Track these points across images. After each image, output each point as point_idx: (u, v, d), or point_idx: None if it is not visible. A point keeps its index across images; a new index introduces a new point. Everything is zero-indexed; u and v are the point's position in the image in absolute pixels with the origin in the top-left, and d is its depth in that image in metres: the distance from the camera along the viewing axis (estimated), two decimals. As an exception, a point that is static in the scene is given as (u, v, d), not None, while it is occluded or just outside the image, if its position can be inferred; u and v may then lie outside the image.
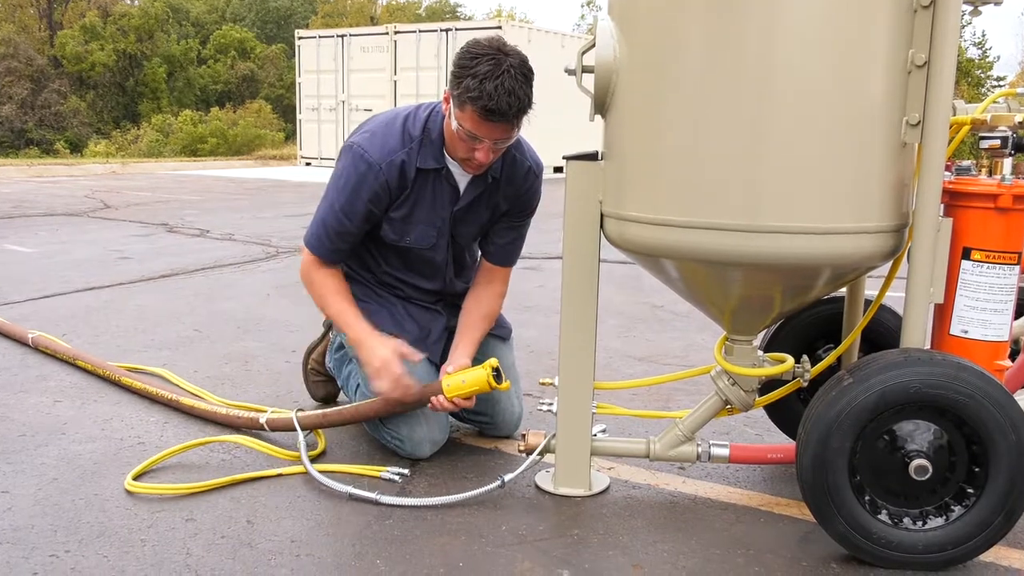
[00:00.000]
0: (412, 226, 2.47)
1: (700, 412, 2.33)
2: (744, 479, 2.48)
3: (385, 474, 2.43)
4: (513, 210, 2.55)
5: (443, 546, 2.06)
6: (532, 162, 2.51)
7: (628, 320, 4.44)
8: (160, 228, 7.70)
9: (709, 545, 2.09)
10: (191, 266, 5.77)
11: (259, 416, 2.68)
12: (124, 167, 16.11)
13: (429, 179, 2.41)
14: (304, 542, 2.07)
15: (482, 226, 2.54)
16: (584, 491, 2.35)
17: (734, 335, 2.23)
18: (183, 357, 3.60)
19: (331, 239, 2.45)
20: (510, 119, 2.23)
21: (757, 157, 1.86)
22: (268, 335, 4.01)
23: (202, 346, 3.79)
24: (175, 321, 4.23)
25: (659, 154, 1.97)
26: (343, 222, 2.42)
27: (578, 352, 2.28)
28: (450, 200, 2.45)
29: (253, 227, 7.80)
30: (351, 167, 2.39)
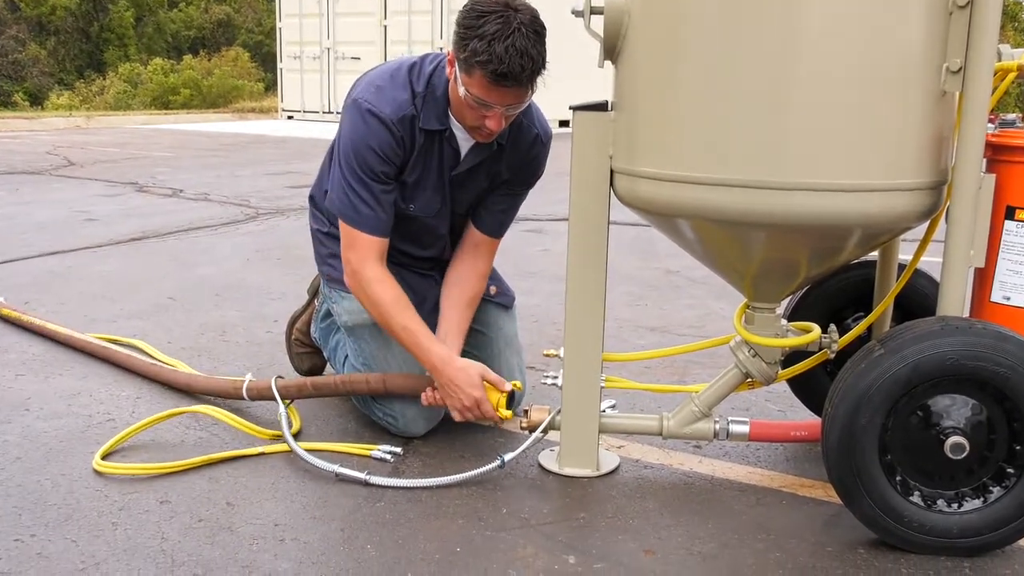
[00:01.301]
0: (419, 192, 2.46)
1: (718, 386, 2.33)
2: (765, 458, 2.49)
3: (376, 453, 2.44)
4: (514, 180, 2.53)
5: (439, 530, 2.07)
6: (540, 129, 2.47)
7: (640, 287, 4.44)
8: (129, 187, 7.68)
9: (727, 529, 2.10)
10: (163, 229, 5.77)
11: (239, 383, 2.70)
12: (89, 121, 16.04)
13: (434, 141, 2.39)
14: (288, 526, 2.08)
15: (480, 194, 2.53)
16: (591, 471, 2.36)
17: (755, 302, 2.23)
18: (155, 327, 3.61)
19: (369, 205, 2.36)
20: (523, 83, 2.18)
21: (782, 107, 1.85)
22: (248, 303, 4.01)
23: (176, 315, 3.80)
24: (146, 288, 4.24)
25: (675, 104, 1.95)
26: (370, 185, 2.35)
27: (585, 321, 2.28)
28: (450, 165, 2.44)
29: (230, 186, 7.78)
30: (361, 124, 2.33)
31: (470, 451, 2.48)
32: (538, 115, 2.50)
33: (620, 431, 2.44)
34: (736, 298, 2.34)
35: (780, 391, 2.91)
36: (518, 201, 2.59)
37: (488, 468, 2.29)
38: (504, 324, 2.73)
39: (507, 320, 2.75)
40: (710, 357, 3.24)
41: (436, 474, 2.33)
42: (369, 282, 2.39)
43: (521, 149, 2.47)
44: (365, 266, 2.39)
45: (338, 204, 2.40)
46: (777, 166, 1.86)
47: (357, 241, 2.39)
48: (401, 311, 2.39)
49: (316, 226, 2.71)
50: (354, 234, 2.39)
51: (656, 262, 5.00)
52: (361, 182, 2.35)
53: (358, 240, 2.38)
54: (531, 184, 2.57)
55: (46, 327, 3.41)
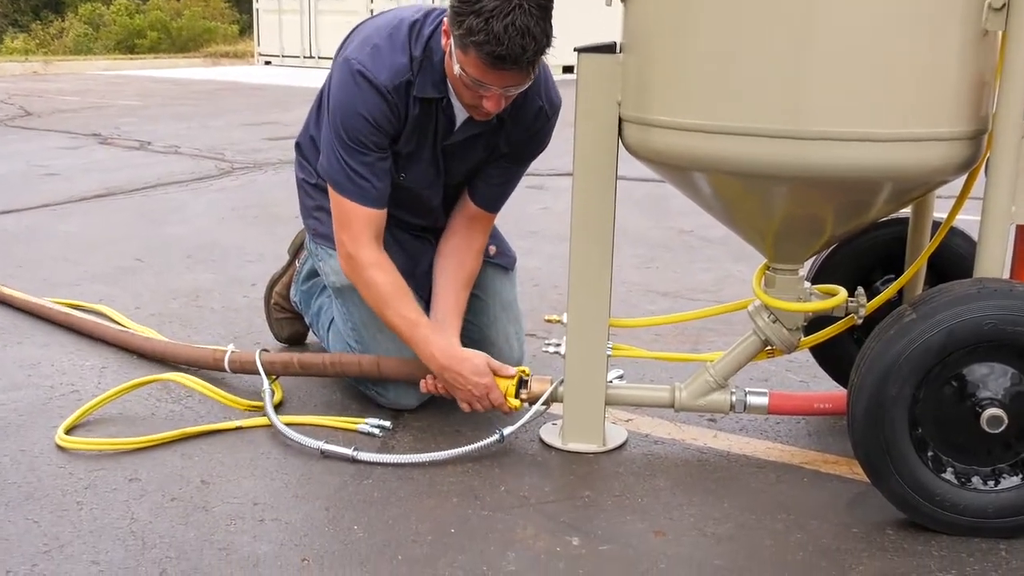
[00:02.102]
0: (413, 163, 2.44)
1: (734, 355, 2.34)
2: (786, 433, 2.50)
3: (363, 427, 2.45)
4: (514, 154, 2.51)
5: (431, 509, 2.08)
6: (545, 102, 2.43)
7: (650, 248, 4.43)
8: (92, 139, 7.65)
9: (744, 509, 2.11)
10: (130, 184, 5.75)
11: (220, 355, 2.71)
12: (47, 66, 15.94)
13: (430, 109, 2.36)
14: (268, 505, 2.09)
15: (476, 165, 2.52)
16: (597, 447, 2.37)
17: (777, 263, 2.23)
18: (122, 292, 3.61)
19: (363, 175, 2.33)
20: (524, 65, 2.14)
21: (807, 46, 1.83)
22: (223, 265, 4.01)
23: (145, 279, 3.79)
24: (112, 249, 4.23)
25: (691, 44, 1.94)
26: (362, 153, 2.32)
27: (591, 285, 2.28)
28: (444, 134, 2.42)
29: (203, 138, 7.75)
30: (353, 88, 2.29)
31: (465, 425, 2.49)
32: (545, 84, 2.44)
33: (628, 403, 2.44)
34: (755, 259, 2.33)
35: (802, 360, 2.91)
36: (517, 175, 2.57)
37: (485, 443, 2.30)
38: (502, 288, 2.73)
39: (505, 283, 2.75)
40: (726, 323, 3.25)
41: (429, 450, 2.34)
42: (366, 267, 2.37)
43: (523, 122, 2.44)
44: (361, 249, 2.37)
45: (329, 171, 2.37)
46: (801, 113, 1.85)
47: (351, 217, 2.36)
48: (400, 299, 2.38)
49: (302, 176, 2.70)
50: (347, 207, 2.35)
51: (668, 221, 4.99)
52: (352, 151, 2.32)
53: (352, 216, 2.36)
54: (532, 158, 2.56)
55: (2, 292, 3.41)
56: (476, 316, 2.67)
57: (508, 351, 2.67)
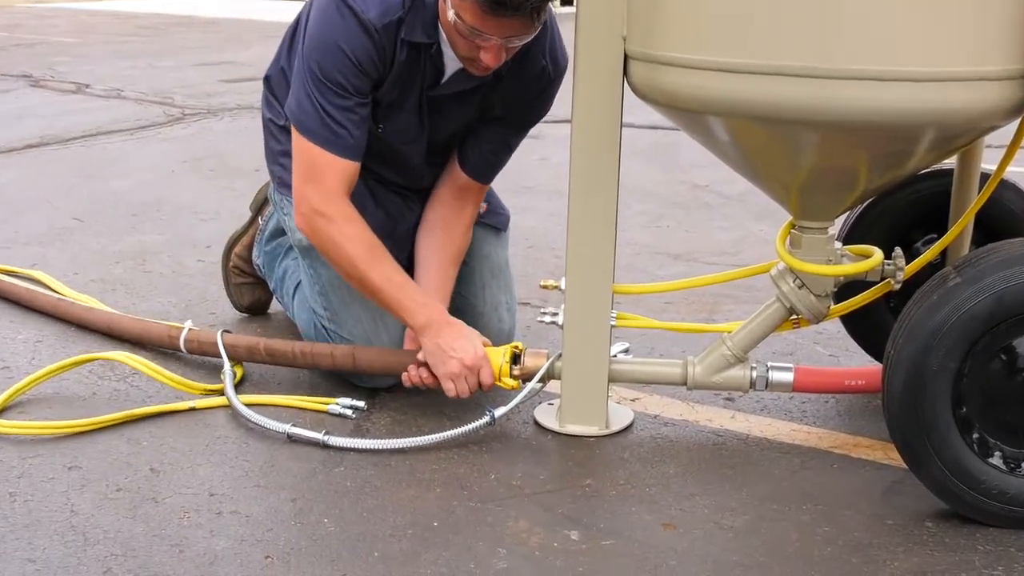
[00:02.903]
0: (394, 113, 2.42)
1: (755, 325, 2.34)
2: (813, 413, 2.51)
3: (334, 407, 2.45)
4: (509, 118, 2.50)
5: (412, 500, 2.09)
6: (549, 61, 2.41)
7: (660, 205, 4.43)
8: (21, 81, 7.60)
9: (764, 499, 2.12)
10: (66, 133, 5.72)
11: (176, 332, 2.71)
12: (-31, -2, 15.79)
13: (418, 56, 2.34)
14: (227, 496, 2.10)
15: (465, 124, 2.50)
16: (599, 429, 2.38)
17: (803, 221, 2.22)
18: (58, 254, 3.60)
19: (339, 121, 2.30)
20: (527, 12, 2.12)
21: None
22: (173, 224, 4.00)
23: (84, 240, 3.78)
24: (46, 207, 4.22)
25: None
26: (340, 96, 2.30)
27: (592, 246, 2.28)
28: (430, 85, 2.40)
29: (149, 80, 7.70)
30: (338, 21, 2.26)
31: (450, 406, 2.49)
32: (551, 41, 2.41)
33: (635, 380, 2.45)
34: (779, 217, 2.33)
35: (832, 331, 2.92)
36: (512, 143, 2.57)
37: (473, 426, 2.30)
38: (492, 250, 2.72)
39: (496, 246, 2.75)
40: (746, 290, 3.25)
41: (409, 433, 2.35)
42: (336, 221, 2.33)
43: (522, 82, 2.41)
44: (331, 202, 2.33)
45: (298, 114, 2.33)
46: (832, 49, 1.84)
47: (322, 168, 2.33)
48: (383, 259, 2.37)
49: (269, 115, 2.68)
50: (318, 157, 2.32)
51: (681, 174, 4.98)
52: (329, 92, 2.29)
53: (324, 167, 2.33)
54: (530, 126, 2.55)
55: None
56: (462, 282, 2.67)
57: (497, 323, 2.67)
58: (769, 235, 3.87)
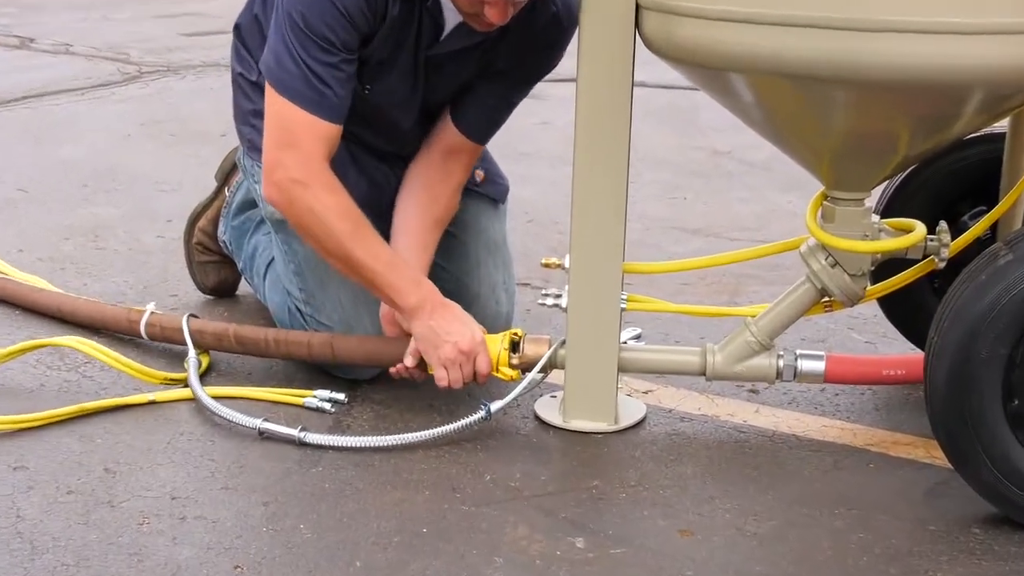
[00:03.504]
0: (383, 74, 2.41)
1: (783, 308, 2.34)
2: (847, 407, 2.52)
3: (311, 401, 2.46)
4: (515, 72, 2.50)
5: (397, 504, 2.10)
6: (561, 7, 2.40)
7: (676, 173, 4.42)
8: (-41, 35, 7.57)
9: (793, 502, 2.13)
10: (8, 93, 5.69)
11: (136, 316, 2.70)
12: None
13: (412, 10, 2.34)
14: (191, 499, 2.10)
15: (464, 83, 2.49)
16: (608, 425, 2.39)
17: (837, 191, 2.22)
18: (2, 230, 3.59)
19: (323, 79, 2.29)
20: None
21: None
22: (130, 196, 4.00)
23: (30, 213, 3.78)
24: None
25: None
26: (325, 52, 2.28)
27: (600, 220, 2.28)
28: (428, 42, 2.39)
29: (103, 34, 7.67)
30: None
31: (440, 398, 2.49)
32: None
33: (648, 370, 2.45)
34: (809, 188, 2.33)
35: (868, 315, 2.92)
36: (515, 99, 2.56)
37: (467, 421, 2.31)
38: (488, 224, 2.72)
39: (493, 219, 2.74)
40: (772, 269, 3.25)
41: (394, 430, 2.35)
42: (315, 190, 2.31)
43: (531, 32, 2.41)
44: (309, 169, 2.31)
45: (276, 70, 2.32)
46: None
47: (301, 132, 2.31)
48: (366, 234, 2.36)
49: (240, 69, 2.66)
50: (297, 119, 2.30)
51: (699, 139, 4.98)
52: (313, 46, 2.27)
53: (303, 130, 2.31)
54: (536, 80, 2.54)
55: None
56: (453, 260, 2.67)
57: (495, 306, 2.67)
58: (798, 207, 3.86)
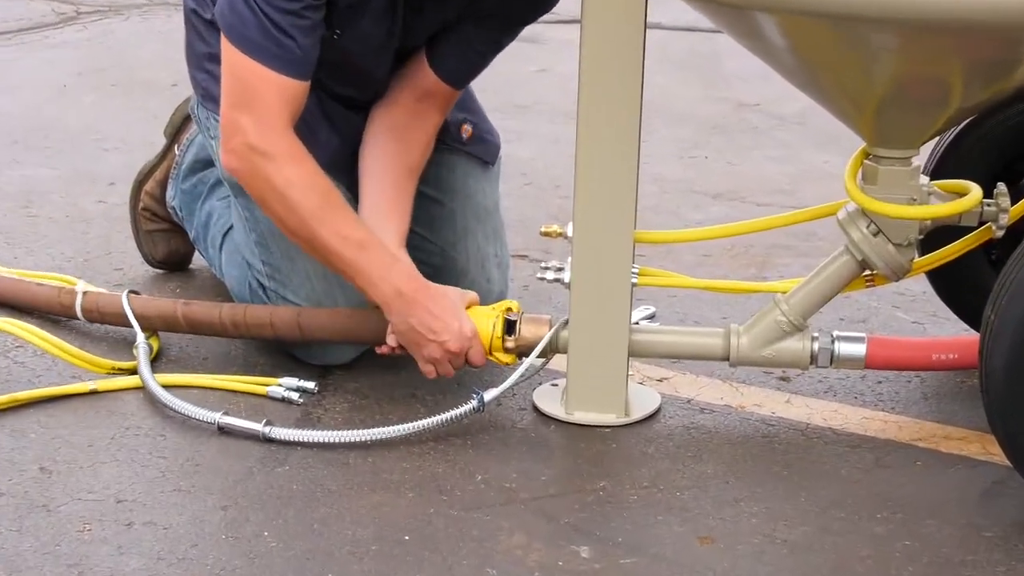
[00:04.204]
0: (354, 17, 2.40)
1: (818, 283, 2.35)
2: (891, 396, 2.53)
3: (276, 390, 2.46)
4: (505, 11, 2.49)
5: (376, 508, 2.10)
6: None
7: (697, 129, 4.42)
8: None
9: (828, 505, 2.13)
10: (-73, 37, 5.69)
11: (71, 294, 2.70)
12: None
13: None
14: (139, 503, 2.10)
15: (445, 24, 2.50)
16: (617, 417, 2.39)
17: (881, 148, 2.22)
18: (-81, 194, 3.59)
19: (285, 30, 2.27)
20: None
21: None
22: (66, 156, 4.00)
23: (-48, 175, 3.77)
24: (-97, 132, 4.20)
25: None
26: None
27: (608, 182, 2.28)
28: None
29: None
30: None
31: (425, 387, 2.50)
32: None
33: (663, 354, 2.46)
34: (849, 144, 2.32)
35: (916, 291, 2.93)
36: (502, 44, 2.57)
37: (455, 413, 2.30)
38: (477, 188, 2.73)
39: (482, 182, 2.75)
40: (806, 238, 3.25)
41: (372, 423, 2.35)
42: (278, 160, 2.31)
43: None
44: (271, 135, 2.31)
45: (230, 19, 2.31)
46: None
47: (258, 88, 2.31)
48: (335, 210, 2.36)
49: (194, 5, 2.65)
50: (254, 74, 2.30)
51: (723, 89, 4.97)
52: None
53: (261, 86, 2.31)
54: (530, 21, 2.54)
55: None
56: (437, 230, 2.67)
57: (485, 283, 2.68)
58: (836, 168, 3.85)
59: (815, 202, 2.64)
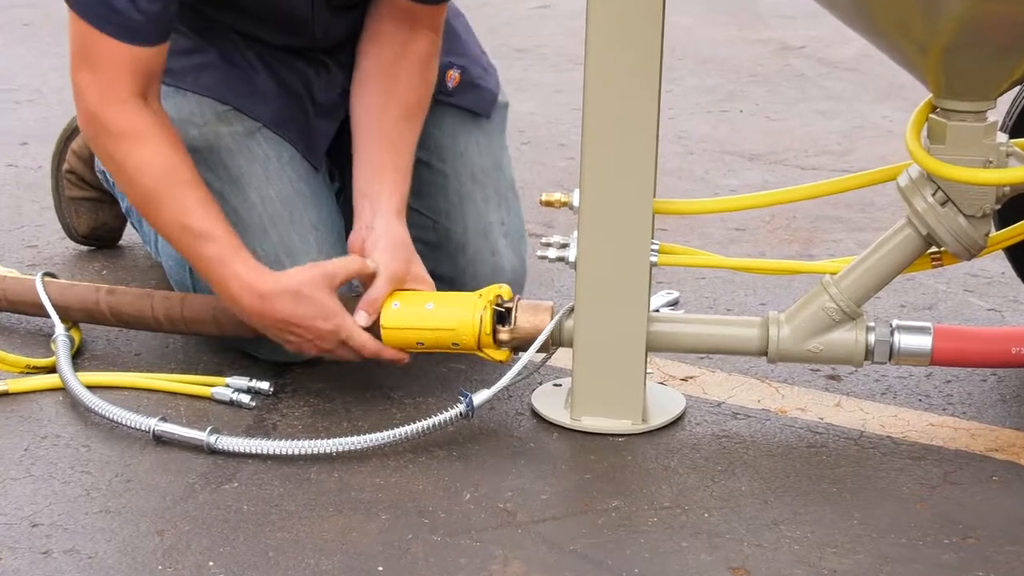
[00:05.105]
0: None
1: (874, 263, 2.35)
2: (962, 399, 2.53)
3: (222, 392, 2.47)
4: None
5: (343, 533, 2.10)
6: None
7: (730, 76, 4.42)
8: None
9: (887, 529, 2.13)
10: None
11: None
12: None
13: None
14: (59, 526, 2.10)
15: None
16: (633, 423, 2.40)
17: (949, 101, 2.22)
18: None
19: None
20: None
21: None
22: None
23: None
24: None
25: None
26: None
27: (622, 141, 2.28)
28: None
29: None
30: None
31: (401, 387, 2.51)
32: None
33: (688, 348, 2.46)
34: (911, 96, 2.32)
35: (993, 272, 2.93)
36: None
37: (438, 420, 2.30)
38: (469, 145, 2.73)
39: (477, 137, 2.75)
40: (861, 209, 3.26)
41: (337, 431, 2.36)
42: (121, 139, 2.37)
43: None
44: (110, 103, 2.36)
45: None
46: None
47: (95, 51, 2.36)
48: (178, 192, 2.38)
49: None
50: (89, 36, 2.34)
51: (761, 29, 4.97)
52: None
53: (97, 49, 2.35)
54: None
55: None
56: (427, 199, 2.69)
57: (490, 258, 2.69)
58: (895, 124, 3.86)
59: (871, 165, 2.64)
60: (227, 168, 2.53)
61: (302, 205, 2.54)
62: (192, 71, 2.55)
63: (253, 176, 2.53)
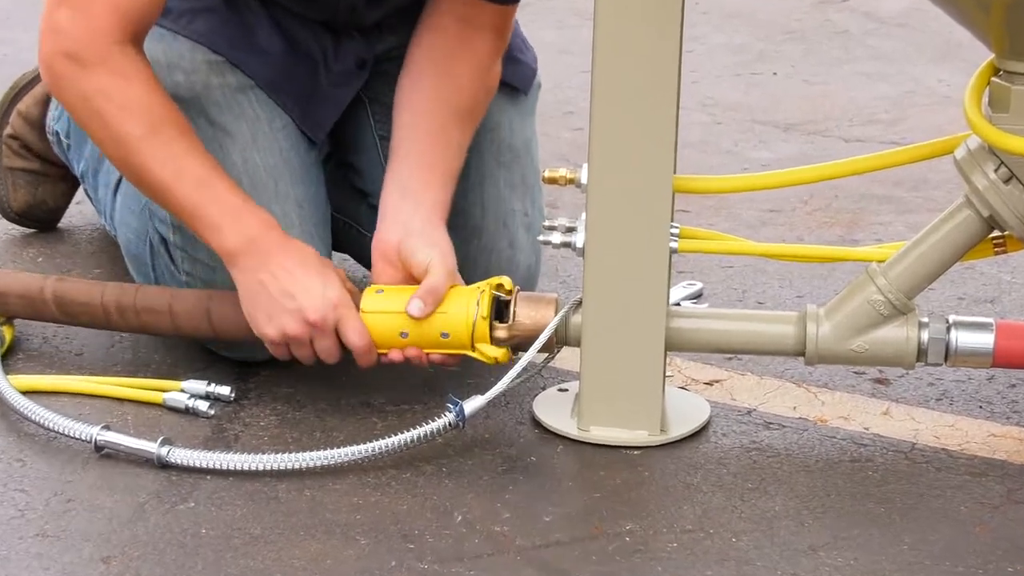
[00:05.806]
0: None
1: (927, 250, 2.35)
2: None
3: (176, 397, 2.47)
4: None
5: (316, 560, 2.10)
6: None
7: (761, 35, 4.42)
8: None
9: (941, 555, 2.14)
10: None
11: None
12: None
13: None
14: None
15: None
16: (649, 434, 2.40)
17: (1014, 61, 2.23)
18: None
19: None
20: None
21: None
22: None
23: None
24: None
25: None
26: None
27: (637, 109, 2.29)
28: None
29: None
30: None
31: (382, 392, 2.52)
32: None
33: (713, 348, 2.47)
34: (970, 57, 2.32)
35: (1064, 261, 2.94)
36: None
37: (426, 431, 2.31)
38: (503, 121, 2.76)
39: (510, 114, 2.78)
40: (913, 187, 3.26)
41: (309, 444, 2.37)
42: (96, 70, 2.38)
43: None
44: (94, 44, 2.38)
45: None
46: None
47: None
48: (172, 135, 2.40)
49: None
50: None
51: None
52: None
53: None
54: None
55: None
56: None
57: (506, 249, 2.70)
58: (952, 89, 3.87)
59: (924, 136, 2.64)
60: (211, 121, 2.54)
61: (289, 178, 2.55)
62: (187, 14, 2.56)
63: (239, 135, 2.54)
